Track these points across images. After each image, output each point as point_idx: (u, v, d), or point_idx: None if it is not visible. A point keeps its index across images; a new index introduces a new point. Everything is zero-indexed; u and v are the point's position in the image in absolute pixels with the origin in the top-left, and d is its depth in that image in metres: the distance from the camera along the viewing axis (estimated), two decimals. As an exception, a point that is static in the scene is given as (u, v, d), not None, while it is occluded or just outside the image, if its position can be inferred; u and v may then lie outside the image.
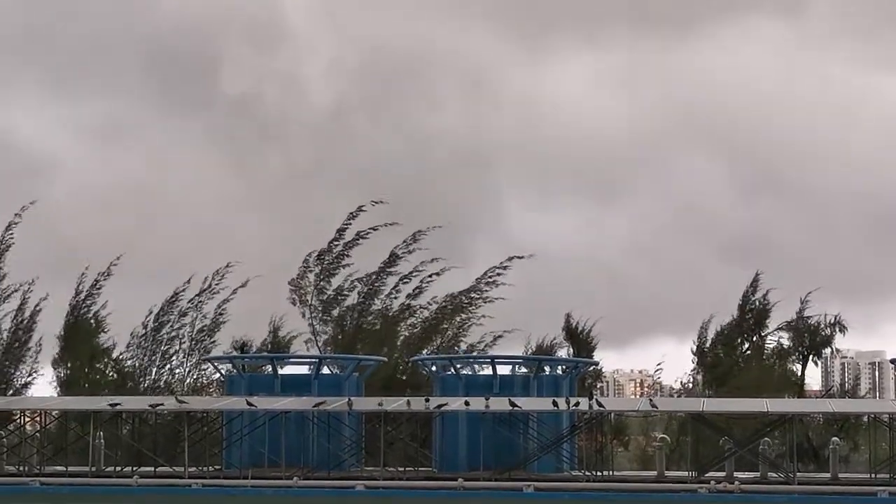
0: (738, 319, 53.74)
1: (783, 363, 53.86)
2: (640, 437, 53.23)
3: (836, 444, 38.14)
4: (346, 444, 37.59)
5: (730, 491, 31.91)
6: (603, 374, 59.89)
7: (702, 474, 34.27)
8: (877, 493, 31.48)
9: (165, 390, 54.25)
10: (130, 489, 33.97)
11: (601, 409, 36.17)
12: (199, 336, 55.50)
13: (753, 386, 50.39)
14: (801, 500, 31.60)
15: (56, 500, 33.86)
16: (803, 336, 53.21)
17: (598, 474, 35.89)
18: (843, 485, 33.70)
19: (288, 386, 39.39)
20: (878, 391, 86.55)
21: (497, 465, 34.73)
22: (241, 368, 41.90)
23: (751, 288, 53.81)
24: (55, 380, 55.17)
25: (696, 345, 53.77)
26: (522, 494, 32.45)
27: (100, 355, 55.40)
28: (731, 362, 53.04)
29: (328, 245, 54.91)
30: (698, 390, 52.78)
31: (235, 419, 37.64)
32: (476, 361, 44.01)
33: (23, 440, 42.84)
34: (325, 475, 34.96)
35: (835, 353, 56.70)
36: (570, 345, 54.01)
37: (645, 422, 52.25)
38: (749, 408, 37.93)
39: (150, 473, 35.71)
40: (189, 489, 33.71)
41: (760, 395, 46.98)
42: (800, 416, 40.67)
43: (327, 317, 54.82)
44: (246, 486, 33.90)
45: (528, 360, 45.24)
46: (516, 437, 36.43)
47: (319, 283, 54.82)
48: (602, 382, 59.58)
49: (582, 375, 46.59)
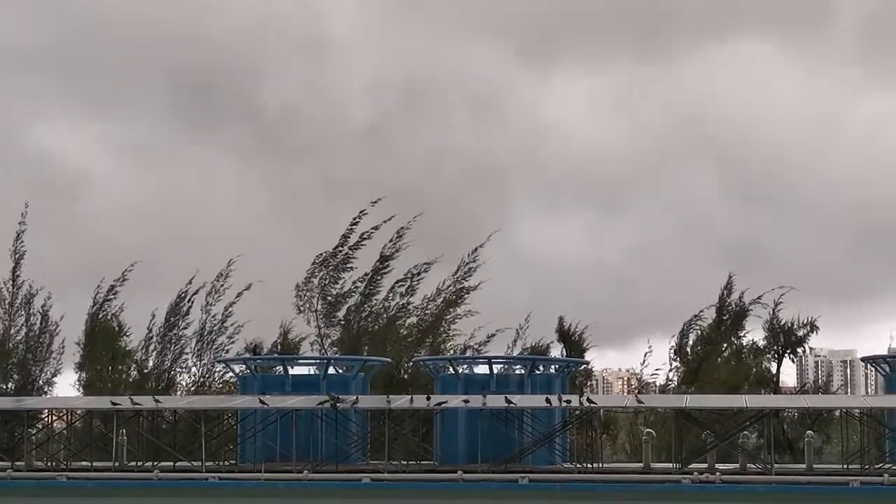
0: (717, 320, 53.86)
1: (759, 361, 53.89)
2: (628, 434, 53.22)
3: (811, 438, 38.18)
4: (352, 440, 37.62)
5: (711, 482, 31.92)
6: (593, 373, 59.89)
7: (685, 466, 34.29)
8: (849, 483, 31.47)
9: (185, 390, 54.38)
10: (151, 483, 33.94)
11: (591, 405, 36.18)
12: (208, 337, 55.49)
13: (730, 383, 50.54)
14: (778, 490, 31.57)
15: (82, 494, 33.81)
16: (778, 336, 53.29)
17: (589, 467, 35.96)
18: (818, 475, 33.67)
19: (298, 385, 39.40)
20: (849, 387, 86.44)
21: (494, 459, 34.66)
22: (254, 369, 41.94)
23: (726, 290, 53.92)
24: (78, 380, 55.24)
25: (676, 344, 53.92)
26: (518, 486, 32.42)
27: (121, 357, 55.42)
28: (710, 361, 53.12)
29: (333, 250, 54.92)
30: (672, 387, 52.87)
31: (249, 417, 37.65)
32: (474, 361, 44.03)
33: (50, 437, 42.89)
34: (334, 469, 34.87)
35: (808, 352, 56.66)
36: (562, 345, 54.15)
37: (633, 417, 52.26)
38: (729, 404, 37.96)
39: (170, 468, 35.68)
40: (206, 482, 33.69)
41: (737, 391, 47.10)
42: (776, 411, 40.79)
43: (333, 319, 54.81)
44: (259, 479, 33.86)
45: (522, 359, 45.30)
46: (512, 432, 36.37)
47: (324, 286, 54.80)
48: (592, 381, 59.55)
49: (573, 374, 46.62)
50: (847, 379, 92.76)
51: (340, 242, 54.94)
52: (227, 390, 52.77)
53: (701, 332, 53.99)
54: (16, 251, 55.85)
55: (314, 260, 54.67)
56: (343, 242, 54.96)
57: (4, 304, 55.79)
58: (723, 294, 53.84)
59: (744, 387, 50.88)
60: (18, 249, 55.86)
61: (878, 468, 34.03)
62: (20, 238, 55.89)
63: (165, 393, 52.85)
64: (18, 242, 55.89)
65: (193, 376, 55.54)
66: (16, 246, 55.84)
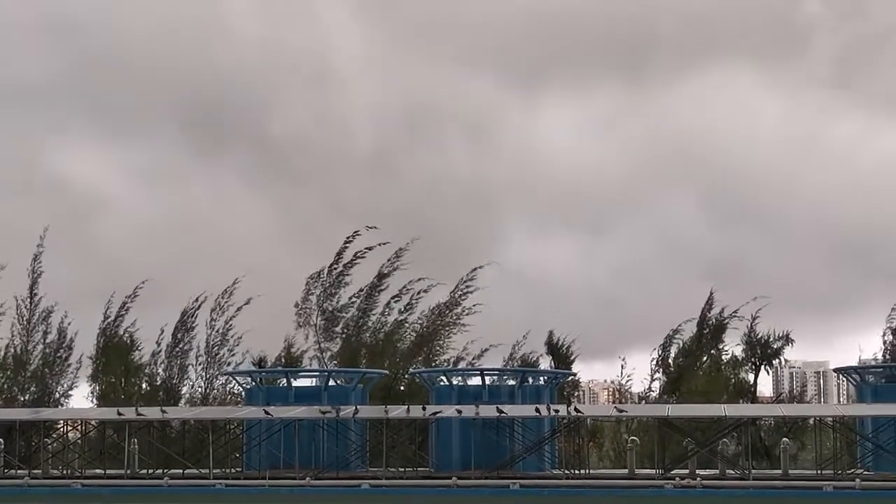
0: (697, 334, 54.02)
1: (737, 372, 54.02)
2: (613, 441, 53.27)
3: (786, 444, 38.30)
4: (352, 448, 37.71)
5: (692, 487, 32.04)
6: (580, 384, 60.01)
7: (667, 472, 34.42)
8: (822, 488, 31.62)
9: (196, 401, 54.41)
10: (161, 489, 34.00)
11: (578, 414, 36.35)
12: (214, 351, 55.59)
13: (709, 393, 50.65)
14: (755, 494, 31.71)
15: (96, 501, 33.88)
16: (755, 348, 53.46)
17: (576, 473, 36.08)
18: (793, 480, 33.82)
19: (300, 397, 39.41)
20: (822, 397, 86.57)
21: (486, 465, 34.75)
22: (259, 381, 42.03)
23: (707, 305, 54.12)
24: (92, 392, 55.30)
25: (660, 356, 54.05)
26: (509, 491, 32.52)
27: (134, 370, 55.51)
28: (691, 372, 53.27)
29: (328, 268, 55.13)
30: (654, 397, 53.00)
31: (254, 426, 37.68)
32: (467, 373, 44.13)
33: (65, 446, 42.94)
34: (334, 475, 34.99)
35: (784, 364, 56.80)
36: (551, 358, 54.25)
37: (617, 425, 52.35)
38: (708, 412, 38.04)
39: (179, 475, 35.75)
40: (213, 489, 33.76)
41: (716, 401, 47.17)
42: (754, 419, 40.88)
43: (331, 333, 54.91)
44: (264, 485, 33.93)
45: (513, 371, 45.40)
46: (503, 440, 36.52)
47: (322, 303, 54.95)
48: (579, 391, 59.66)
49: (561, 385, 46.73)
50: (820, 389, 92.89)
51: (335, 260, 55.13)
52: (233, 401, 52.86)
53: (682, 345, 54.13)
54: (33, 270, 56.12)
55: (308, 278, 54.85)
56: (337, 261, 55.16)
57: (23, 320, 55.97)
58: (704, 309, 54.06)
59: (723, 397, 50.95)
60: (36, 269, 56.15)
61: (851, 473, 34.22)
62: (38, 259, 56.19)
63: (174, 404, 52.89)
64: (36, 263, 56.19)
65: (200, 388, 55.62)
66: (33, 266, 56.13)
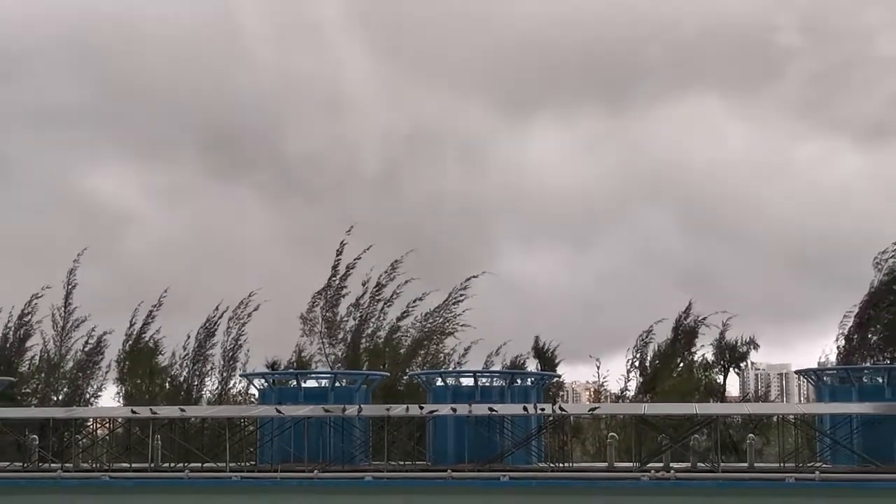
0: (672, 338, 53.98)
1: (708, 374, 54.01)
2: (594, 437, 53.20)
3: (752, 440, 38.23)
4: (356, 444, 37.62)
5: (666, 479, 31.98)
6: (564, 385, 59.90)
7: (644, 465, 34.34)
8: (785, 479, 31.56)
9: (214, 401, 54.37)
10: (182, 482, 33.87)
11: (563, 413, 36.28)
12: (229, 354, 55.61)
13: (682, 392, 50.60)
14: (724, 485, 31.63)
15: (122, 492, 33.76)
16: (724, 352, 53.47)
17: (561, 466, 36.00)
18: (758, 473, 33.75)
19: (309, 397, 39.30)
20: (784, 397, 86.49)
21: (479, 459, 34.80)
22: (272, 383, 41.94)
23: (683, 313, 54.12)
24: (119, 393, 55.25)
25: (636, 358, 54.04)
26: (499, 483, 32.44)
27: (157, 372, 55.47)
28: (666, 373, 53.23)
29: (328, 281, 55.15)
30: (630, 396, 52.94)
31: (267, 424, 37.60)
32: (461, 375, 44.05)
33: (94, 442, 42.85)
34: (340, 468, 34.89)
35: (750, 366, 56.80)
36: (537, 361, 54.22)
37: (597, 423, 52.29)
38: (681, 411, 37.98)
39: (198, 468, 35.63)
40: (230, 481, 33.66)
41: (688, 400, 47.13)
42: (722, 417, 40.80)
43: (334, 339, 54.88)
44: (276, 478, 33.83)
45: (503, 373, 45.31)
46: (494, 436, 36.48)
47: (325, 314, 54.98)
48: (563, 391, 59.55)
49: (547, 386, 46.66)
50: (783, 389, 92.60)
51: (332, 274, 55.17)
52: (248, 401, 52.76)
53: (658, 349, 54.12)
54: (68, 282, 56.22)
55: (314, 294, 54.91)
56: (334, 274, 55.21)
57: (57, 327, 56.03)
58: (680, 316, 54.05)
59: (695, 396, 50.98)
60: (70, 281, 56.24)
61: (811, 466, 34.26)
62: (73, 272, 56.29)
63: (194, 404, 52.79)
64: (71, 275, 56.28)
65: (217, 389, 55.63)
66: (68, 278, 56.22)
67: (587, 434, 53.37)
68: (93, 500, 33.62)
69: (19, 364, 55.49)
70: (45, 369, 55.67)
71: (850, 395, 37.10)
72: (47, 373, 55.54)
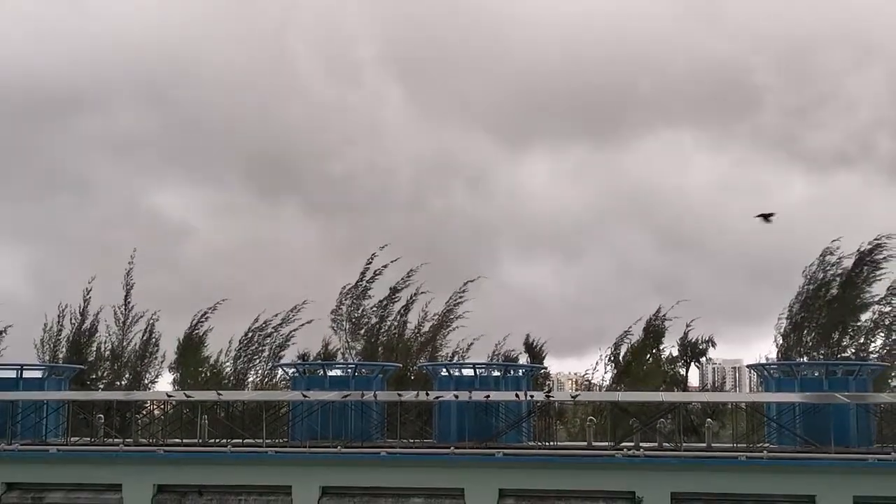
0: (643, 337, 53.76)
1: (673, 367, 53.82)
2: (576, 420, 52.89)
3: (710, 424, 38.01)
4: (373, 424, 37.43)
5: (637, 456, 31.74)
6: (550, 375, 59.62)
7: (618, 444, 34.12)
8: (738, 457, 31.33)
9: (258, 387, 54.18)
10: (225, 455, 33.72)
11: (549, 399, 36.04)
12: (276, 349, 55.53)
13: (651, 382, 50.38)
14: (685, 462, 31.37)
15: (173, 463, 33.58)
16: (687, 348, 53.33)
17: (547, 444, 35.74)
18: (715, 452, 33.55)
19: (334, 383, 39.21)
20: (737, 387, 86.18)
21: (477, 438, 34.62)
22: (302, 371, 41.78)
23: (654, 315, 53.96)
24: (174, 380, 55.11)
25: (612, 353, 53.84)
26: (494, 458, 32.21)
27: (205, 363, 55.32)
28: (637, 366, 52.98)
29: (355, 283, 55.00)
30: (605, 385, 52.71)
31: (297, 406, 37.52)
32: (462, 366, 43.87)
33: (151, 420, 42.66)
34: (359, 445, 34.75)
35: (708, 361, 56.61)
36: (527, 354, 54.06)
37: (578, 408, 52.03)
38: (650, 398, 37.81)
39: (239, 444, 35.52)
40: (266, 455, 33.47)
41: (656, 389, 46.87)
42: (685, 404, 40.50)
43: (357, 335, 54.69)
44: (305, 452, 33.66)
45: (498, 365, 45.11)
46: (490, 418, 36.29)
47: (350, 312, 54.76)
48: (550, 381, 59.28)
49: (535, 376, 46.44)
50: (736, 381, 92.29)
51: (360, 278, 54.97)
52: (283, 386, 52.59)
53: (631, 346, 53.89)
54: (126, 283, 56.06)
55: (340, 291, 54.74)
56: (361, 278, 55.03)
57: (119, 322, 55.85)
58: (651, 318, 53.86)
59: (661, 386, 50.74)
60: (129, 282, 56.09)
61: (760, 447, 33.98)
62: (129, 274, 56.11)
63: (238, 388, 52.60)
64: (128, 277, 56.10)
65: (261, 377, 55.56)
66: (126, 280, 56.05)
67: (570, 417, 53.09)
68: (149, 471, 33.42)
69: (88, 354, 55.33)
70: (109, 358, 55.48)
71: (792, 386, 36.96)
72: (112, 361, 55.36)
